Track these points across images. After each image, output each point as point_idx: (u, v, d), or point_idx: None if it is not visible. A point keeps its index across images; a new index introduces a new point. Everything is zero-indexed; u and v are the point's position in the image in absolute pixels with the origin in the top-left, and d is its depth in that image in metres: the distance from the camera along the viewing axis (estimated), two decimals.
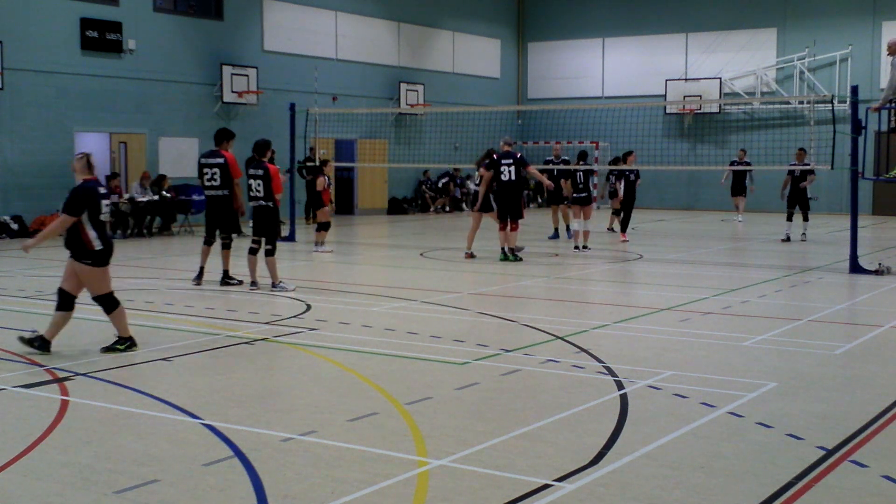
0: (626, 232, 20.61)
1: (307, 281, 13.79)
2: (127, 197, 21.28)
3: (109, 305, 8.80)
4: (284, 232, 18.01)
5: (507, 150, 16.50)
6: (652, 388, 7.50)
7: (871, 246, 19.10)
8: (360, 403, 7.04)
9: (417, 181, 31.29)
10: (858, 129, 14.72)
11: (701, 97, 30.94)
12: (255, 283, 12.92)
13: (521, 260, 16.35)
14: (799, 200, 20.38)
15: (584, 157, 19.42)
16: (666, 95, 32.21)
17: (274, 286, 12.68)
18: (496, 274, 14.98)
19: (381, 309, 11.32)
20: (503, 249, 16.50)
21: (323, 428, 6.41)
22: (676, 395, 7.29)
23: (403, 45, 30.92)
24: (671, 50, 33.16)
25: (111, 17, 22.64)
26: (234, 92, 25.12)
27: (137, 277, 14.34)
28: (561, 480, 5.38)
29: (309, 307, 11.36)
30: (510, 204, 16.36)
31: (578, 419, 6.64)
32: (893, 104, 14.31)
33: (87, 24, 22.08)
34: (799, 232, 20.62)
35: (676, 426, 6.43)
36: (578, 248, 18.13)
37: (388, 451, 5.90)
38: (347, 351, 8.89)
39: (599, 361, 8.42)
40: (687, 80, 32.34)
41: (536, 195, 33.16)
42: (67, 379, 7.76)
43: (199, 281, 13.22)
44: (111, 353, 8.71)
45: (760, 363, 8.46)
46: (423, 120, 30.84)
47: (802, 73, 30.87)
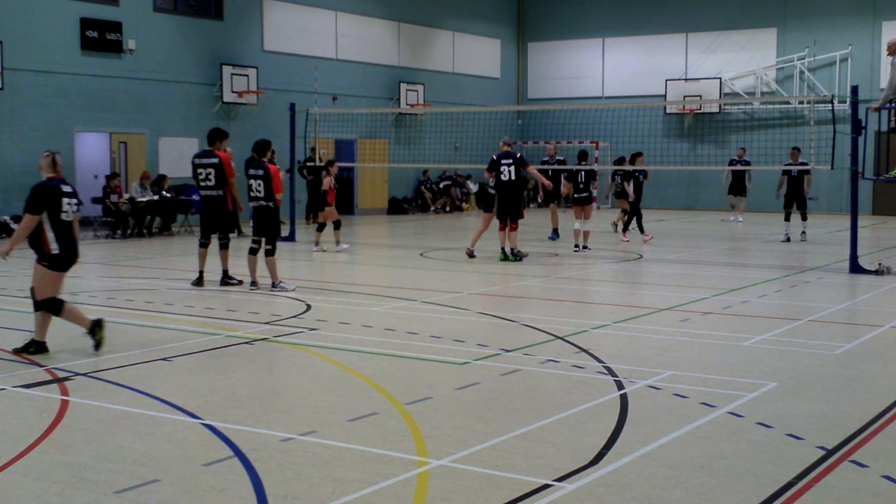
0: (626, 232, 20.64)
1: (307, 281, 13.79)
2: (127, 197, 21.28)
3: (44, 306, 8.57)
4: (284, 232, 18.01)
5: (506, 150, 16.51)
6: (652, 388, 7.50)
7: (871, 246, 19.09)
8: (360, 403, 7.04)
9: (417, 181, 31.29)
10: (858, 129, 14.71)
11: (701, 97, 30.94)
12: (255, 283, 12.91)
13: (521, 260, 16.35)
14: (797, 200, 20.35)
15: (584, 157, 19.41)
16: (666, 95, 32.21)
17: (274, 286, 12.68)
18: (496, 274, 14.98)
19: (381, 309, 11.32)
20: (503, 249, 16.51)
21: (323, 428, 6.41)
22: (676, 395, 7.29)
23: (403, 45, 30.92)
24: (671, 50, 33.17)
25: (111, 17, 22.65)
26: (234, 92, 25.13)
27: (137, 277, 14.34)
28: (561, 480, 5.38)
29: (309, 307, 11.36)
30: (510, 204, 16.36)
31: (578, 419, 6.64)
32: (893, 104, 14.30)
33: (87, 24, 22.08)
34: (799, 232, 20.61)
35: (676, 426, 6.43)
36: (578, 247, 18.12)
37: (388, 451, 5.89)
38: (347, 351, 8.89)
39: (599, 361, 8.42)
40: (687, 80, 32.35)
41: (536, 195, 33.17)
42: (67, 379, 7.76)
43: (199, 284, 13.18)
44: (23, 353, 8.59)
45: (760, 363, 8.46)
46: (423, 120, 30.84)
47: (802, 73, 30.88)
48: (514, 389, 7.52)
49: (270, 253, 12.77)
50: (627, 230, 20.69)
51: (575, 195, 18.52)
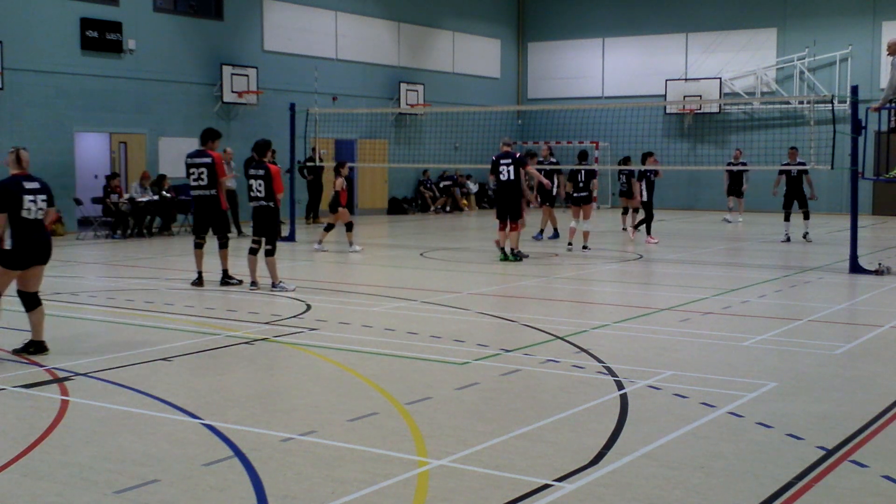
0: (640, 229, 20.36)
1: (307, 281, 13.79)
2: (127, 197, 21.28)
3: None
4: (284, 232, 17.99)
5: (506, 150, 16.55)
6: (652, 388, 7.50)
7: (871, 246, 19.09)
8: (360, 403, 7.04)
9: (417, 181, 31.29)
10: (858, 129, 14.71)
11: (701, 97, 30.94)
12: (255, 283, 12.91)
13: (521, 260, 16.36)
14: (797, 199, 20.31)
15: (584, 156, 19.41)
16: (666, 95, 32.21)
17: (274, 286, 12.67)
18: (496, 274, 14.98)
19: (381, 309, 11.32)
20: (503, 249, 16.51)
21: (323, 428, 6.41)
22: (676, 395, 7.29)
23: (403, 45, 30.92)
24: (671, 50, 33.16)
25: (111, 17, 22.64)
26: (234, 92, 25.12)
27: (137, 277, 14.35)
28: (561, 480, 5.38)
29: (309, 307, 11.36)
30: (509, 204, 16.38)
31: (578, 419, 6.64)
32: (893, 104, 14.31)
33: (87, 24, 22.07)
34: (799, 232, 20.60)
35: (676, 426, 6.43)
36: (571, 245, 18.07)
37: (388, 451, 5.90)
38: (347, 351, 8.89)
39: (599, 361, 8.42)
40: (687, 80, 32.34)
41: (537, 195, 33.12)
42: (67, 379, 7.76)
43: (199, 284, 13.17)
44: (23, 353, 8.57)
45: (760, 363, 8.46)
46: (423, 120, 30.84)
47: (802, 73, 30.87)
48: (514, 389, 7.52)
49: (270, 253, 12.77)
50: (638, 229, 20.44)
51: (574, 194, 18.51)
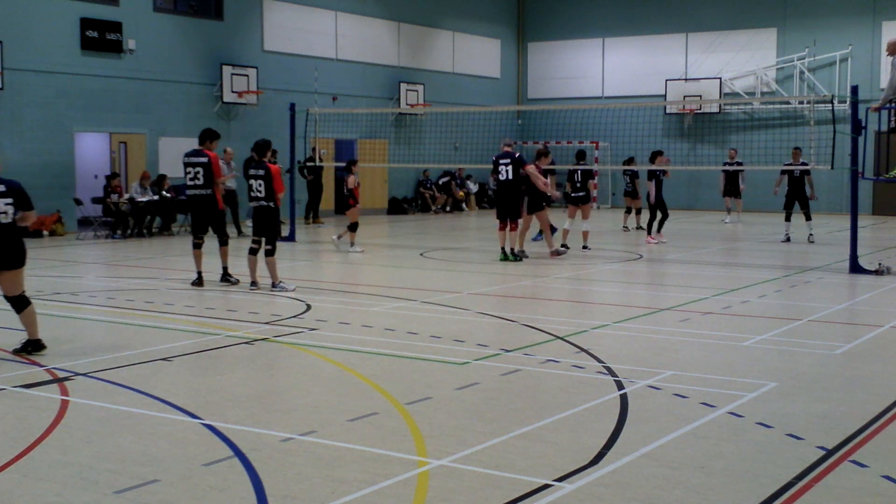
0: (661, 231, 20.03)
1: (307, 281, 13.79)
2: (127, 197, 21.28)
3: None
4: (284, 232, 18.00)
5: (506, 150, 16.60)
6: (652, 388, 7.50)
7: (871, 246, 19.09)
8: (360, 403, 7.04)
9: (417, 181, 31.29)
10: (858, 129, 14.71)
11: (701, 97, 30.94)
12: (255, 283, 12.91)
13: (521, 260, 16.36)
14: (798, 200, 20.27)
15: (582, 156, 19.41)
16: (666, 95, 32.21)
17: (274, 286, 12.68)
18: (496, 274, 14.98)
19: (381, 309, 11.32)
20: (503, 249, 16.51)
21: (323, 428, 6.41)
22: (676, 395, 7.28)
23: (403, 45, 30.92)
24: (671, 50, 33.16)
25: (111, 17, 22.65)
26: (234, 92, 25.12)
27: (137, 277, 14.35)
28: (561, 480, 5.38)
29: (309, 307, 11.36)
30: (508, 203, 16.39)
31: (578, 419, 6.64)
32: (893, 104, 14.30)
33: (87, 24, 22.08)
34: (800, 232, 20.58)
35: (676, 426, 6.43)
36: (566, 246, 18.00)
37: (388, 451, 5.89)
38: (347, 351, 8.89)
39: (599, 361, 8.42)
40: (687, 80, 32.34)
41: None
42: (67, 379, 7.76)
43: (199, 284, 13.17)
44: (22, 353, 8.57)
45: (760, 363, 8.46)
46: (423, 120, 30.84)
47: (802, 73, 30.87)
48: (514, 389, 7.52)
49: (270, 253, 12.77)
50: (660, 232, 20.18)
51: (572, 194, 18.50)
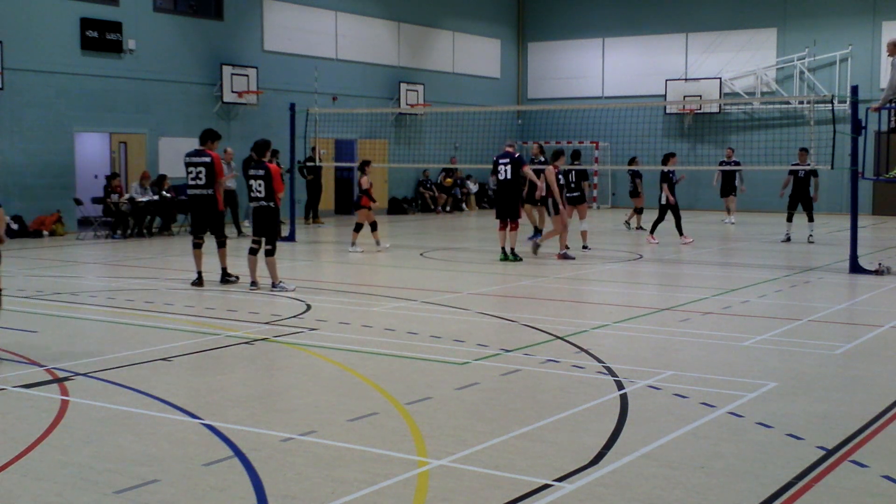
0: (684, 233, 19.85)
1: (307, 281, 13.79)
2: (127, 197, 21.28)
3: None
4: (284, 232, 18.00)
5: (507, 150, 16.66)
6: (652, 388, 7.50)
7: (871, 246, 19.09)
8: (360, 403, 7.04)
9: (417, 181, 31.29)
10: (858, 129, 14.71)
11: (701, 97, 30.93)
12: (255, 283, 12.91)
13: (521, 260, 16.36)
14: (802, 200, 20.23)
15: (577, 156, 19.46)
16: (666, 95, 32.20)
17: (274, 286, 12.68)
18: (496, 274, 14.98)
19: (381, 309, 11.32)
20: (503, 249, 16.52)
21: (323, 428, 6.41)
22: (676, 395, 7.28)
23: (403, 45, 30.92)
24: (671, 50, 33.16)
25: (111, 17, 22.64)
26: (234, 92, 25.12)
27: (137, 277, 14.35)
28: (561, 480, 5.38)
29: (309, 307, 11.36)
30: (507, 203, 16.41)
31: (578, 419, 6.64)
32: (893, 104, 14.30)
33: (87, 24, 22.08)
34: (801, 232, 20.57)
35: (676, 426, 6.43)
36: (568, 248, 17.96)
37: (388, 451, 5.89)
38: (347, 351, 8.89)
39: (599, 361, 8.42)
40: (687, 80, 32.34)
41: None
42: (67, 379, 7.75)
43: (198, 285, 13.16)
44: None
45: (760, 363, 8.46)
46: (423, 120, 30.84)
47: (802, 73, 30.87)
48: (514, 389, 7.52)
49: (270, 253, 12.77)
50: (683, 233, 19.96)
51: (568, 195, 18.49)
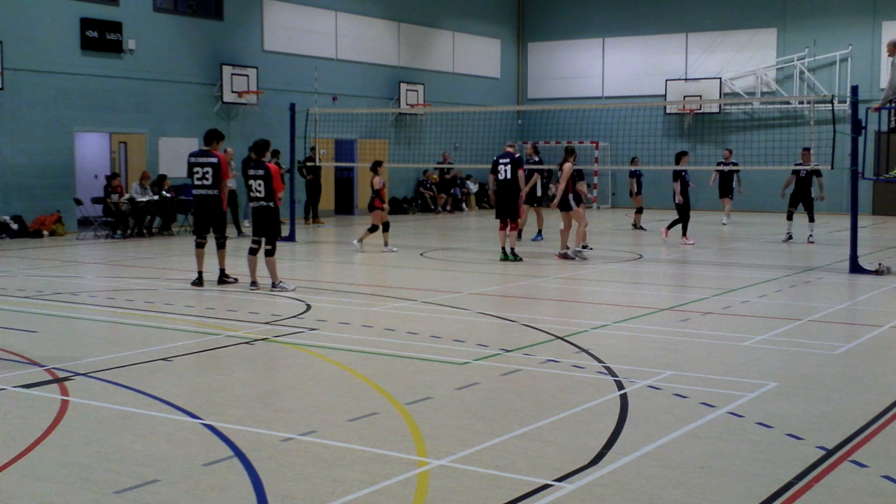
0: (686, 234, 19.76)
1: (307, 281, 13.79)
2: (127, 197, 21.28)
3: None
4: (284, 232, 18.00)
5: (508, 150, 16.72)
6: (652, 388, 7.50)
7: (871, 246, 19.09)
8: (360, 403, 7.04)
9: (417, 181, 31.29)
10: (858, 129, 14.71)
11: (701, 97, 30.93)
12: (254, 283, 12.91)
13: (521, 260, 16.36)
14: (803, 200, 20.21)
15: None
16: (666, 95, 32.20)
17: (274, 286, 12.68)
18: (496, 274, 14.98)
19: (381, 309, 11.32)
20: (503, 249, 16.52)
21: (323, 428, 6.41)
22: (676, 395, 7.28)
23: (403, 45, 30.92)
24: (671, 50, 33.16)
25: (111, 17, 22.64)
26: (234, 92, 25.12)
27: (137, 277, 14.35)
28: (561, 480, 5.38)
29: (309, 307, 11.36)
30: (506, 203, 16.42)
31: (578, 419, 6.64)
32: (893, 104, 14.30)
33: (87, 24, 22.07)
34: (801, 232, 20.57)
35: (676, 426, 6.43)
36: (569, 248, 17.95)
37: (388, 451, 5.89)
38: (347, 351, 8.89)
39: (599, 361, 8.42)
40: (687, 80, 32.34)
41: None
42: (67, 379, 7.75)
43: (199, 285, 13.17)
44: None
45: (760, 363, 8.46)
46: (423, 120, 30.84)
47: (802, 73, 30.87)
48: (514, 389, 7.52)
49: (270, 253, 12.77)
50: (686, 234, 19.83)
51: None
